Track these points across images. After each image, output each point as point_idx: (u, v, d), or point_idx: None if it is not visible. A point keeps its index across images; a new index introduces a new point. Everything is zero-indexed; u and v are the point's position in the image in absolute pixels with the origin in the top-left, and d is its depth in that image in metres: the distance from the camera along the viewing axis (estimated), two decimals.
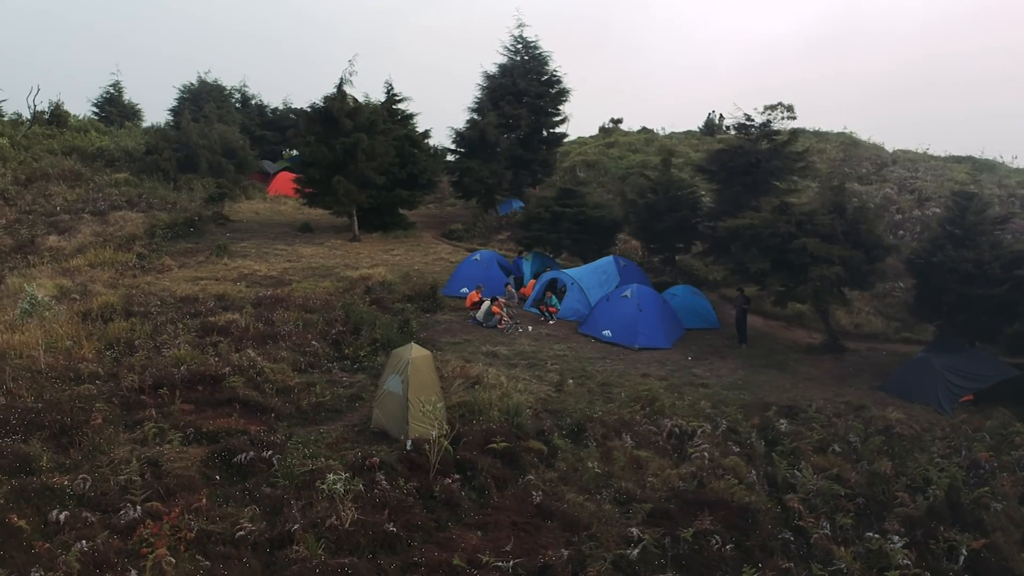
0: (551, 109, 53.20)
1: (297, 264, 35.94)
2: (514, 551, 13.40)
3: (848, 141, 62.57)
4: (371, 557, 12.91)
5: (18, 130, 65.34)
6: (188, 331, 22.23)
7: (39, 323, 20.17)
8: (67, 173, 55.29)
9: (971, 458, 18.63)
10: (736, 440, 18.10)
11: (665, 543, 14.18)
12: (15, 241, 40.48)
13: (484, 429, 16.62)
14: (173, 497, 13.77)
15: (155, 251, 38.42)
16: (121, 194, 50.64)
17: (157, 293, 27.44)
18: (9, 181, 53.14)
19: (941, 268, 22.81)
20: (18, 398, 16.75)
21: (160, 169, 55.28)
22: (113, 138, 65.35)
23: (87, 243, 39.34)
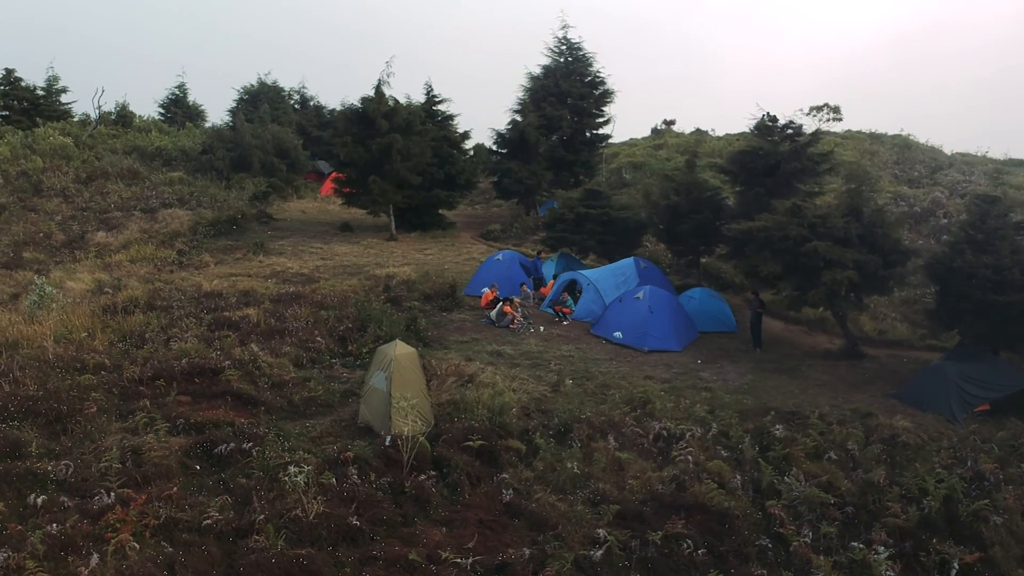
0: (594, 110, 53.10)
1: (329, 262, 36.54)
2: (476, 548, 13.46)
3: (902, 143, 61.04)
4: (331, 549, 13.10)
5: (84, 130, 67.78)
6: (200, 325, 22.83)
7: (57, 315, 20.96)
8: (125, 172, 57.15)
9: (975, 469, 18.05)
10: (727, 444, 17.84)
11: (632, 545, 14.08)
12: (66, 237, 42.08)
13: (466, 427, 16.70)
14: (149, 485, 14.19)
15: (195, 248, 39.51)
16: (174, 192, 52.15)
17: (183, 288, 28.25)
18: (70, 179, 55.18)
19: (960, 274, 22.10)
20: (22, 386, 17.42)
21: (214, 168, 56.71)
22: (172, 138, 67.24)
23: (133, 239, 40.61)
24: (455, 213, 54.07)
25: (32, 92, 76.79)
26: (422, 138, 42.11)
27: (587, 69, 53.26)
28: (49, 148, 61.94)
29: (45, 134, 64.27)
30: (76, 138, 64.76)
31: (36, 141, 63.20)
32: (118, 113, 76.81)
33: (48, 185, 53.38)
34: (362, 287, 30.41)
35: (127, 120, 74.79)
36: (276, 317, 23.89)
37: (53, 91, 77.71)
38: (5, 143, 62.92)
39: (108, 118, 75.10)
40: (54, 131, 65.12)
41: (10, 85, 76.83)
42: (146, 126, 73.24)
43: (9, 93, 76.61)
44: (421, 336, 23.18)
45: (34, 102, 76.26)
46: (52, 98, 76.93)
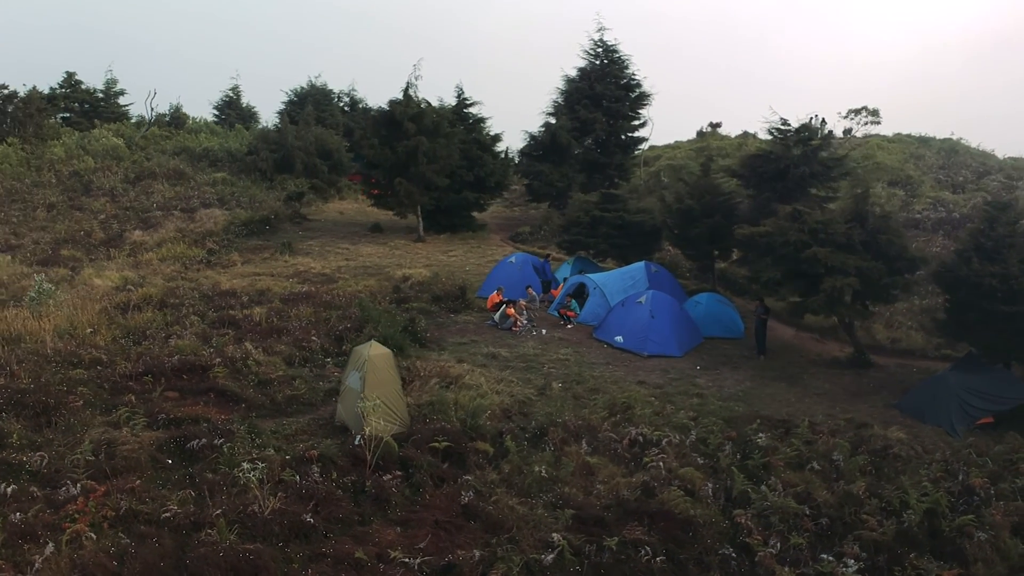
0: (630, 113, 52.83)
1: (352, 263, 37.02)
2: (428, 548, 13.54)
3: (950, 147, 59.47)
4: (281, 545, 13.31)
5: (137, 131, 69.72)
6: (203, 323, 23.37)
7: (66, 311, 21.69)
8: (171, 172, 58.67)
9: (965, 484, 17.54)
10: (704, 452, 17.64)
11: (586, 550, 14.02)
12: (106, 235, 43.36)
13: (436, 428, 16.80)
14: (116, 477, 14.60)
15: (226, 247, 40.37)
16: (216, 192, 53.32)
17: (200, 287, 28.92)
18: (119, 180, 56.85)
19: (966, 283, 21.50)
20: (16, 379, 18.06)
21: (258, 169, 57.79)
22: (220, 139, 68.71)
23: (167, 238, 41.69)
24: (490, 215, 54.36)
25: (91, 94, 79.31)
26: (449, 140, 42.38)
27: (623, 72, 52.98)
28: (101, 149, 63.94)
29: (98, 135, 66.35)
30: (128, 139, 66.61)
31: (90, 142, 65.29)
32: (172, 115, 78.87)
33: (97, 185, 55.05)
34: (378, 288, 30.78)
35: (180, 122, 76.75)
36: (280, 316, 24.34)
37: (111, 93, 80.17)
38: (61, 144, 65.12)
39: (162, 120, 77.16)
40: (108, 133, 67.18)
41: (71, 88, 79.52)
42: (198, 128, 75.10)
43: (70, 95, 79.27)
44: (419, 337, 23.40)
45: (93, 104, 78.78)
46: (110, 100, 79.37)
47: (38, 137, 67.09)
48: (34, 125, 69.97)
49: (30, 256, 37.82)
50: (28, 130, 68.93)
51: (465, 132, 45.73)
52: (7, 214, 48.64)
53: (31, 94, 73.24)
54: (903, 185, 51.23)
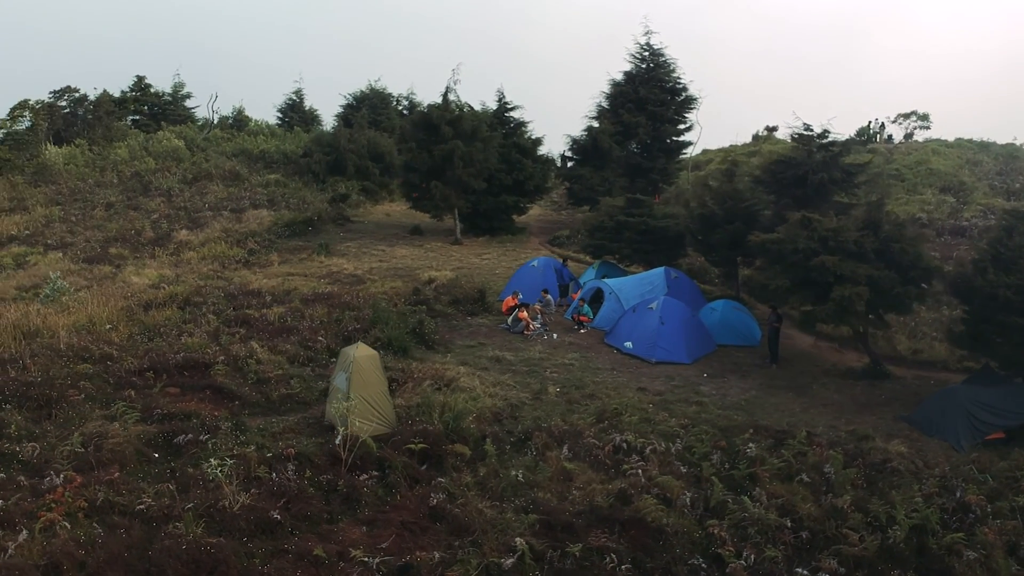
0: (675, 117, 52.31)
1: (385, 264, 37.47)
2: (390, 548, 13.70)
3: (1010, 153, 57.42)
4: (245, 540, 13.59)
5: (200, 133, 71.73)
6: (217, 321, 23.95)
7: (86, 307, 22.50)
8: (227, 173, 60.22)
9: (961, 500, 16.99)
10: (689, 461, 17.43)
11: (548, 556, 14.00)
12: (155, 234, 44.70)
13: (418, 430, 16.95)
14: (99, 469, 15.10)
15: (266, 247, 41.23)
16: (267, 194, 54.48)
17: (226, 287, 29.62)
18: (176, 180, 58.59)
19: (981, 293, 20.79)
20: (26, 372, 18.81)
21: (311, 171, 58.90)
22: (278, 142, 70.17)
23: (211, 238, 42.78)
24: (535, 217, 54.44)
25: (160, 97, 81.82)
26: (486, 145, 42.58)
27: (668, 75, 52.48)
28: (162, 150, 65.97)
29: (161, 138, 68.47)
30: (190, 141, 68.50)
31: (153, 144, 67.41)
32: (234, 117, 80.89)
33: (156, 185, 56.84)
34: (404, 289, 31.11)
35: (242, 124, 78.66)
36: (295, 316, 24.83)
37: (178, 97, 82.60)
38: (125, 146, 67.39)
39: (225, 122, 79.21)
40: (171, 135, 69.27)
41: (141, 91, 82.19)
42: (259, 130, 76.87)
43: (139, 99, 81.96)
44: (426, 339, 23.60)
45: (161, 107, 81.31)
46: (177, 103, 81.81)
47: (106, 139, 69.60)
48: (103, 127, 72.63)
49: (80, 254, 39.31)
50: (97, 132, 71.57)
51: (504, 136, 45.92)
52: (67, 212, 50.60)
53: (101, 97, 76.03)
54: (955, 191, 49.68)
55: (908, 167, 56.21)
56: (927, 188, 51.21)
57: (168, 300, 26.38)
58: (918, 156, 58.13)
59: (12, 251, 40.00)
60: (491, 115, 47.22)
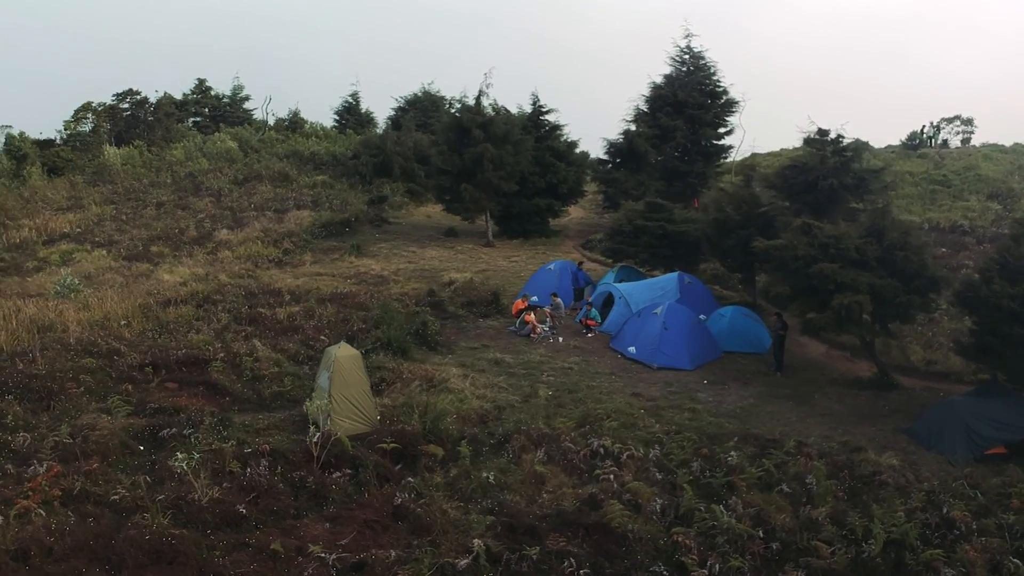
0: (715, 120, 51.73)
1: (412, 265, 37.89)
2: (349, 546, 13.93)
3: None
4: (209, 533, 13.97)
5: (255, 135, 73.38)
6: (228, 319, 24.53)
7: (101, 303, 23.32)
8: (277, 175, 61.46)
9: (946, 516, 16.53)
10: (667, 467, 17.30)
11: (504, 558, 14.07)
12: (198, 233, 45.87)
13: (396, 430, 17.18)
14: (81, 459, 15.67)
15: (301, 247, 41.98)
16: (313, 194, 55.41)
17: (248, 286, 30.30)
18: (227, 181, 60.07)
19: (986, 304, 20.18)
20: (33, 364, 19.57)
21: (358, 173, 59.78)
22: (329, 144, 71.38)
23: (251, 238, 43.69)
24: (576, 220, 54.41)
25: (219, 100, 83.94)
26: (517, 148, 42.70)
27: (709, 78, 51.94)
28: (216, 152, 67.67)
29: (216, 139, 70.26)
30: (244, 142, 70.07)
31: (208, 145, 69.20)
32: (290, 120, 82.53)
33: (207, 186, 58.34)
34: (424, 290, 31.47)
35: (297, 126, 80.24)
36: (305, 315, 25.31)
37: (237, 99, 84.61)
38: (181, 147, 69.32)
39: (281, 124, 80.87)
40: (226, 136, 71.02)
41: (201, 94, 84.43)
42: (313, 132, 78.31)
43: (200, 101, 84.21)
44: (428, 340, 23.84)
45: (220, 109, 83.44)
46: (236, 105, 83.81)
47: (165, 140, 71.75)
48: (162, 129, 74.86)
49: (122, 251, 40.58)
50: (156, 134, 73.80)
51: (538, 140, 46.02)
52: (119, 211, 52.27)
53: (161, 100, 78.39)
54: (1003, 198, 48.11)
55: (956, 173, 54.64)
56: (973, 195, 49.74)
57: (189, 298, 27.13)
58: (968, 161, 56.43)
59: (61, 248, 41.54)
60: (526, 118, 47.38)
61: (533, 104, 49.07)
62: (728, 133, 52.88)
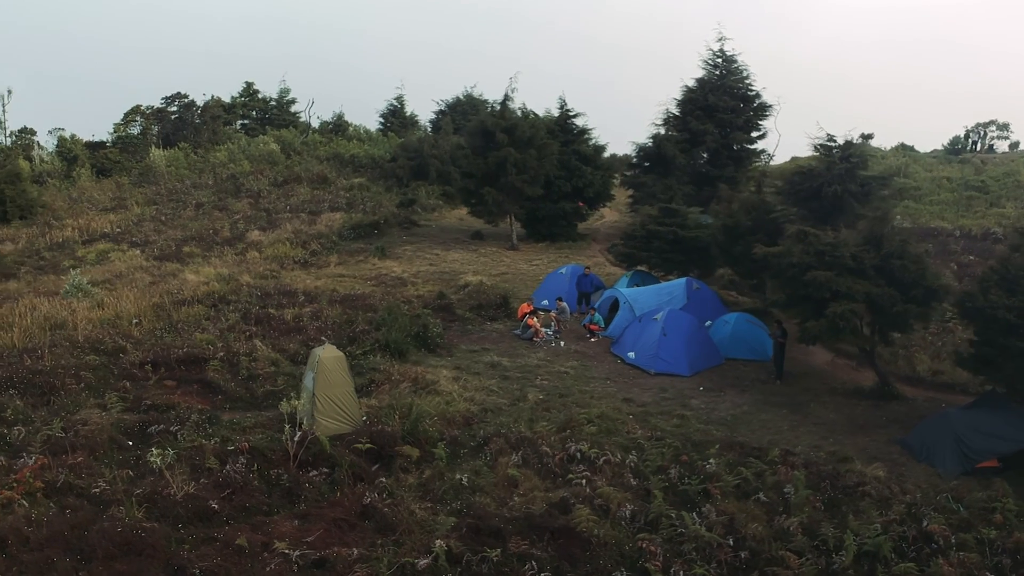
0: (746, 124, 51.23)
1: (433, 268, 38.26)
2: (315, 543, 14.26)
3: None
4: (180, 527, 14.41)
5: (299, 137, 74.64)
6: (236, 319, 25.12)
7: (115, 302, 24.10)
8: (316, 177, 62.38)
9: (924, 529, 16.28)
10: (642, 473, 17.32)
11: (465, 559, 14.25)
12: (231, 234, 46.84)
13: (377, 431, 17.48)
14: (69, 453, 16.25)
15: (328, 249, 42.62)
16: (348, 197, 56.15)
17: (263, 286, 30.92)
18: (266, 183, 61.17)
19: (982, 314, 19.78)
20: (40, 361, 20.31)
21: (395, 175, 60.47)
22: (369, 146, 72.27)
23: (281, 239, 44.50)
24: (610, 224, 54.33)
25: (266, 103, 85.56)
26: (540, 152, 42.84)
27: (741, 82, 51.46)
28: (258, 154, 68.94)
29: (260, 141, 71.60)
30: (288, 145, 71.26)
31: (251, 147, 70.56)
32: (334, 123, 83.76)
33: (247, 187, 59.49)
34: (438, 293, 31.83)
35: (341, 129, 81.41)
36: (311, 316, 25.80)
37: (283, 102, 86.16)
38: (225, 149, 70.81)
39: (326, 127, 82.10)
40: (269, 139, 72.34)
41: (249, 97, 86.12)
42: (356, 135, 79.38)
43: (247, 104, 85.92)
44: (427, 343, 24.12)
45: (267, 112, 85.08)
46: (283, 108, 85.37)
47: (211, 142, 73.41)
48: (209, 131, 76.60)
49: (155, 251, 41.70)
50: (203, 136, 75.57)
51: (565, 143, 46.12)
52: (160, 211, 53.67)
53: (208, 103, 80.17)
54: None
55: (995, 179, 53.31)
56: (1010, 201, 48.46)
57: (205, 297, 27.83)
58: (1010, 167, 54.97)
59: (98, 247, 42.86)
60: (553, 122, 47.53)
61: (561, 108, 49.24)
62: (761, 137, 52.41)
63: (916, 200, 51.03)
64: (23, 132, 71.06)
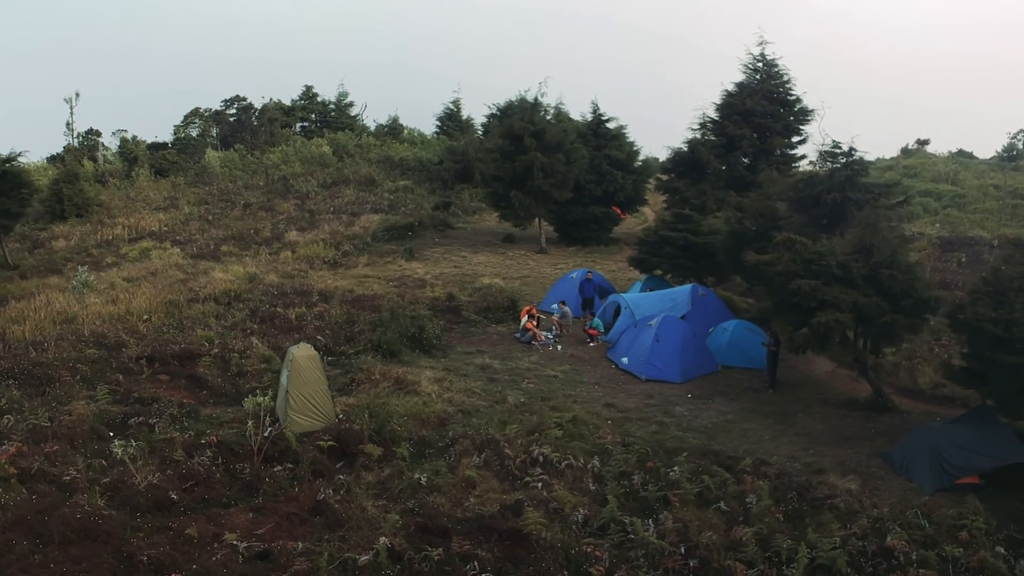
0: (786, 129, 50.29)
1: (456, 270, 38.59)
2: (264, 535, 14.66)
3: None
4: (138, 515, 14.95)
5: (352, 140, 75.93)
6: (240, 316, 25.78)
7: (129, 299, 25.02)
8: (363, 179, 63.31)
9: (884, 545, 15.92)
10: (604, 479, 17.28)
11: (406, 557, 14.46)
12: (271, 234, 47.93)
13: (345, 429, 17.82)
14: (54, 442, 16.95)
15: (360, 250, 43.29)
16: (392, 199, 56.88)
17: (281, 285, 31.64)
18: (315, 184, 62.34)
19: (969, 327, 19.21)
20: (44, 354, 21.21)
21: (440, 178, 61.14)
22: (418, 150, 73.10)
23: (317, 239, 45.34)
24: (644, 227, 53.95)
25: (325, 106, 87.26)
26: (569, 156, 42.87)
27: (782, 86, 50.54)
28: (311, 156, 70.32)
29: (311, 144, 73.02)
30: (341, 147, 72.45)
31: (305, 149, 72.01)
32: (389, 125, 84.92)
33: (296, 189, 60.71)
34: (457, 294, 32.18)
35: (396, 132, 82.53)
36: (316, 316, 26.34)
37: (342, 105, 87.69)
38: (278, 151, 72.43)
39: (382, 130, 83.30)
40: (322, 141, 73.72)
41: (308, 100, 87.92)
42: (412, 138, 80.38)
43: (306, 107, 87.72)
44: (423, 344, 24.40)
45: (326, 114, 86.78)
46: (341, 111, 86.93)
47: (269, 144, 75.20)
48: (266, 133, 78.45)
49: (195, 250, 42.97)
50: (260, 138, 77.42)
51: (597, 148, 46.06)
52: (208, 211, 55.20)
53: (266, 106, 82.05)
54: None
55: None
56: None
57: (222, 295, 28.63)
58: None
59: (142, 245, 44.37)
60: (585, 126, 47.53)
61: (594, 112, 49.21)
62: (802, 142, 51.35)
63: (960, 208, 49.44)
64: (89, 133, 74.06)
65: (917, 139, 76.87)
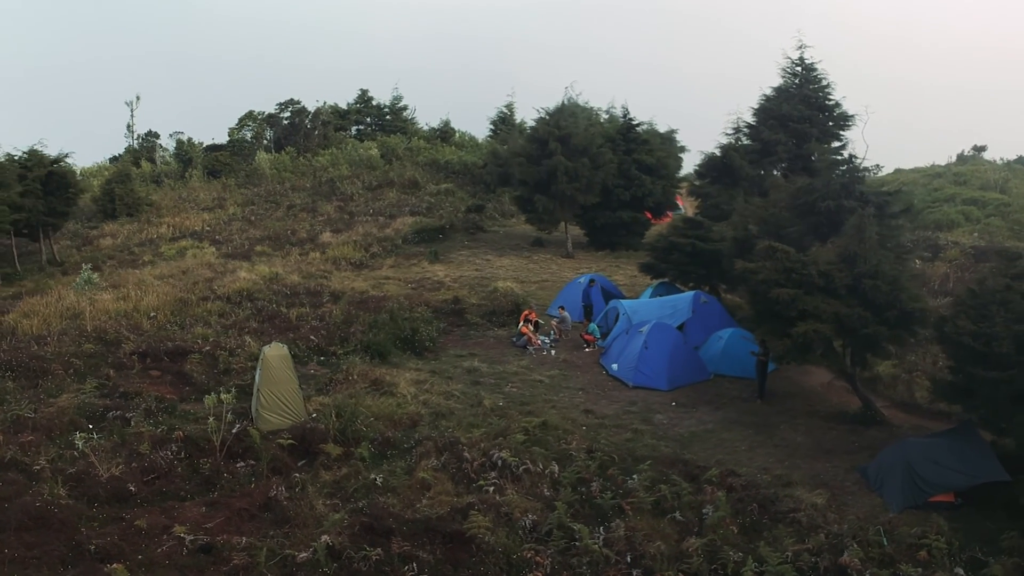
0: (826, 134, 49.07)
1: (477, 273, 38.66)
2: (213, 529, 15.02)
3: None
4: (96, 506, 15.45)
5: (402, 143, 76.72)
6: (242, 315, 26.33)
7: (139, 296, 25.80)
8: (407, 182, 63.88)
9: (839, 562, 15.53)
10: (560, 485, 17.20)
11: (346, 555, 14.63)
12: (307, 235, 48.72)
13: (310, 428, 18.10)
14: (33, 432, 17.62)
15: (388, 251, 43.71)
16: (432, 202, 57.24)
17: (293, 285, 32.16)
18: (360, 187, 63.13)
19: (950, 341, 18.57)
20: (46, 347, 22.03)
21: (483, 182, 61.36)
22: (464, 153, 73.48)
23: (350, 240, 45.91)
24: None
25: (379, 109, 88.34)
26: (595, 161, 42.63)
27: (821, 91, 49.35)
28: (359, 158, 71.24)
29: (362, 146, 73.98)
30: (389, 150, 73.19)
31: (352, 152, 72.97)
32: (440, 129, 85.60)
33: (341, 191, 61.57)
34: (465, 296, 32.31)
35: (447, 135, 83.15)
36: (316, 316, 26.76)
37: (396, 108, 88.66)
38: (328, 154, 73.59)
39: (433, 134, 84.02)
40: (371, 144, 74.63)
41: (364, 103, 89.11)
42: (462, 141, 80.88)
43: (361, 110, 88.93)
44: (415, 345, 24.57)
45: (380, 118, 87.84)
46: (396, 114, 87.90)
47: (321, 147, 76.48)
48: (319, 136, 79.80)
49: (229, 249, 43.98)
50: (312, 141, 78.77)
51: (626, 152, 45.72)
52: (252, 211, 56.37)
53: (319, 109, 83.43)
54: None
55: None
56: None
57: (234, 294, 29.29)
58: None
59: (180, 244, 45.62)
60: (615, 130, 47.22)
61: (624, 116, 48.84)
62: (841, 148, 50.02)
63: (1003, 217, 47.64)
64: (148, 135, 76.42)
65: (974, 145, 74.40)
